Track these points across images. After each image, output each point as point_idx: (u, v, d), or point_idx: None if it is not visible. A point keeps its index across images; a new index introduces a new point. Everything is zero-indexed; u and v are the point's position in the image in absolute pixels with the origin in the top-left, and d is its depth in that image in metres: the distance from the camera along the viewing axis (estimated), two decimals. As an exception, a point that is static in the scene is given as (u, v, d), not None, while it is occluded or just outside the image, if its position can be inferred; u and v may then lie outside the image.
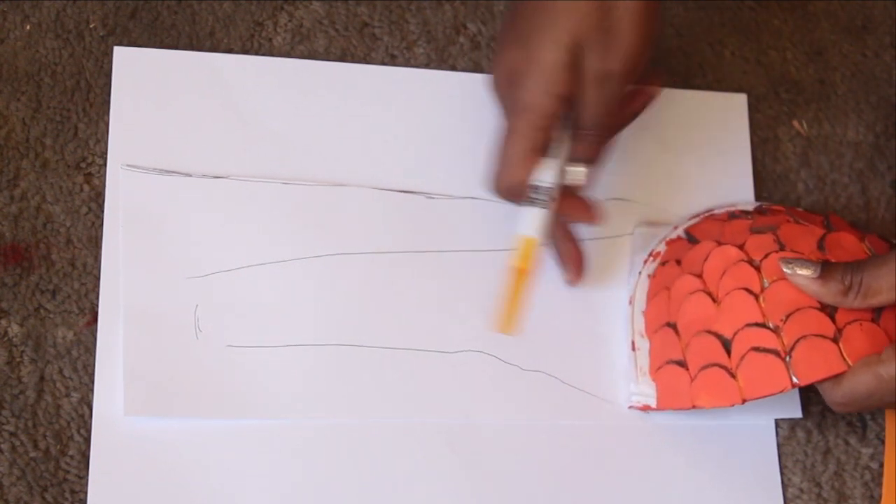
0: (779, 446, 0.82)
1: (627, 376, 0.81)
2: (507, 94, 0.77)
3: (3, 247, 0.79)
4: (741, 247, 0.79)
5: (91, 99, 0.82)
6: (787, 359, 0.76)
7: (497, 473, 0.78)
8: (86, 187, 0.80)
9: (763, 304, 0.77)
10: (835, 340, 0.76)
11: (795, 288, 0.77)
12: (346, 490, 0.76)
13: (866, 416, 0.83)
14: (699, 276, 0.80)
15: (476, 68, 0.88)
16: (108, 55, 0.83)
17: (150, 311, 0.77)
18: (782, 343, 0.76)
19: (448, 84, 0.87)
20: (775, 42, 0.92)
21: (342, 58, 0.86)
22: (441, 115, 0.85)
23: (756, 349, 0.76)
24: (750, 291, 0.78)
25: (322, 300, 0.80)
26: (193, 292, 0.78)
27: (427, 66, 0.87)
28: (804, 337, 0.76)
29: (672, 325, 0.80)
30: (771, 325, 0.77)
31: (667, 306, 0.80)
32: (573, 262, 0.82)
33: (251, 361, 0.77)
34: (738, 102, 0.89)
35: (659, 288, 0.81)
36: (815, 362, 0.75)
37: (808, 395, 0.83)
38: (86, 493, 0.74)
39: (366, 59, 0.87)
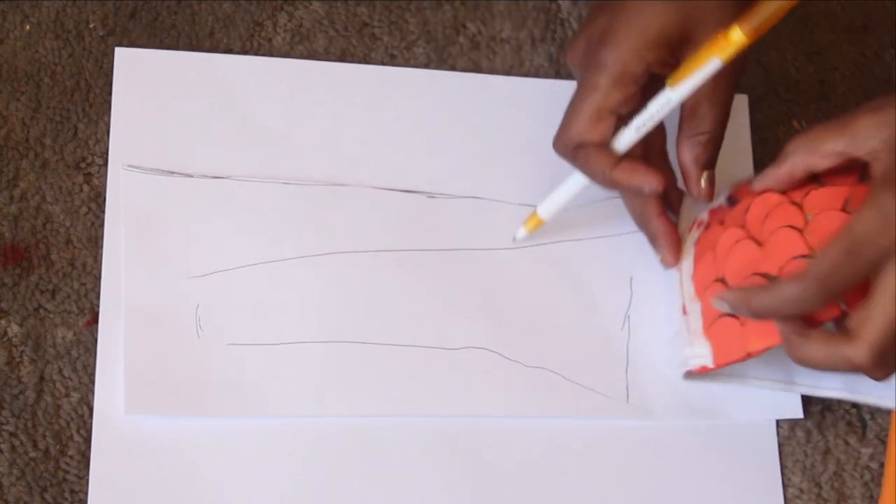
0: (779, 446, 0.82)
1: (680, 342, 0.80)
2: (591, 54, 0.77)
3: (3, 247, 0.79)
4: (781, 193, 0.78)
5: (91, 99, 0.82)
6: None
7: (498, 470, 0.78)
8: (85, 187, 0.80)
9: (808, 237, 0.75)
10: None
11: (841, 217, 0.75)
12: (347, 488, 0.76)
13: (866, 416, 0.83)
14: (742, 227, 0.78)
15: (476, 68, 0.88)
16: (108, 55, 0.83)
17: (152, 310, 0.77)
18: None
19: (448, 84, 0.87)
20: (775, 42, 0.92)
21: (342, 58, 0.86)
22: (441, 115, 0.85)
23: None
24: (794, 227, 0.76)
25: (323, 299, 0.80)
26: (194, 291, 0.78)
27: (427, 66, 0.87)
28: None
29: (721, 280, 0.78)
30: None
31: (713, 264, 0.79)
32: (669, 241, 0.81)
33: (252, 360, 0.77)
34: (738, 103, 0.89)
35: (704, 250, 0.80)
36: (864, 289, 0.72)
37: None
38: (86, 493, 0.74)
39: (365, 59, 0.87)
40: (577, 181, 0.80)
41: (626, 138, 0.77)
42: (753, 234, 0.78)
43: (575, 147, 0.77)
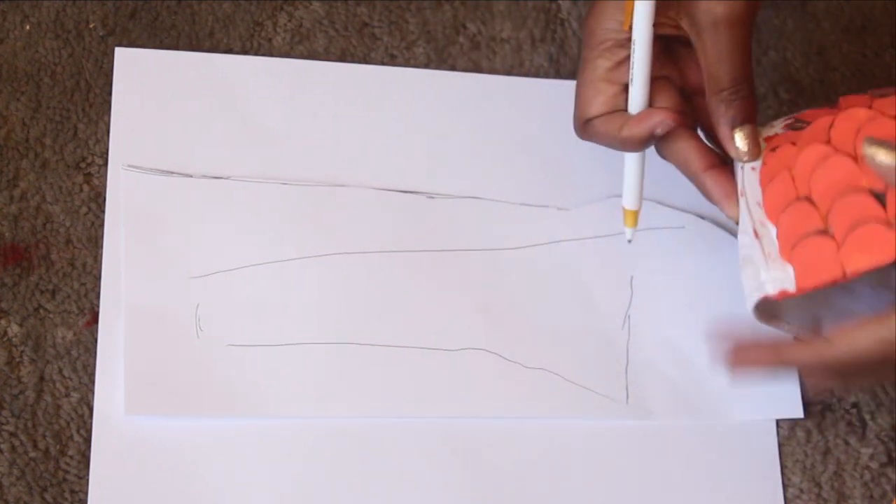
0: (779, 446, 0.82)
1: (753, 269, 0.76)
2: (583, 32, 0.77)
3: (3, 247, 0.79)
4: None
5: (91, 99, 0.82)
6: None
7: (498, 470, 0.78)
8: (85, 187, 0.80)
9: None
10: None
11: None
12: (347, 488, 0.77)
13: (866, 415, 0.83)
14: (826, 143, 0.75)
15: (476, 68, 0.88)
16: (108, 55, 0.83)
17: (152, 311, 0.77)
18: None
19: (448, 84, 0.87)
20: (775, 42, 0.92)
21: (342, 58, 0.86)
22: (441, 115, 0.85)
23: None
24: None
25: (323, 299, 0.80)
26: (194, 292, 0.78)
27: (427, 66, 0.87)
28: None
29: (805, 198, 0.74)
30: None
31: (791, 184, 0.75)
32: (721, 194, 0.78)
33: (252, 360, 0.77)
34: (738, 102, 0.89)
35: (775, 172, 0.76)
36: None
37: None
38: (86, 493, 0.74)
39: (365, 59, 0.87)
40: (629, 158, 0.79)
41: (631, 97, 0.76)
42: (845, 150, 0.74)
43: (584, 125, 0.77)
